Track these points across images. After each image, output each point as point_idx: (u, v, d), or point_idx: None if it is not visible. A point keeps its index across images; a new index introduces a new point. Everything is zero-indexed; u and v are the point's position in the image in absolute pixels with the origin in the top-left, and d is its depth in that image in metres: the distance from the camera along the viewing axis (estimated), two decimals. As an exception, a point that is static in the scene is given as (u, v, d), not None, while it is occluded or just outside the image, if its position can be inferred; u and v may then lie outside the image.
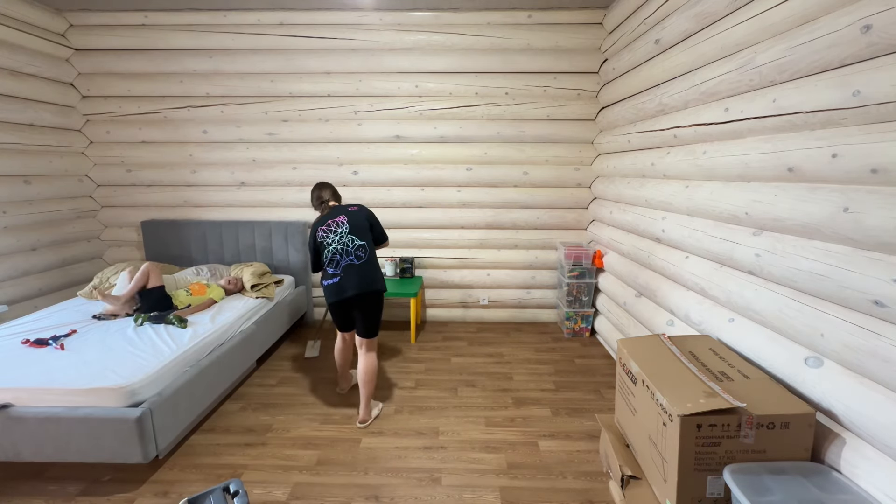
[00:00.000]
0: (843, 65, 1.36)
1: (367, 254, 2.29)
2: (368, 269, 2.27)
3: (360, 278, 2.24)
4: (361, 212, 2.40)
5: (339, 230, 2.31)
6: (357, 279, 2.24)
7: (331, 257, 2.29)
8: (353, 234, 2.31)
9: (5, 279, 3.09)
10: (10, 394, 1.88)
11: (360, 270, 2.25)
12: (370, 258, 2.30)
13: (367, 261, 2.28)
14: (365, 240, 2.31)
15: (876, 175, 1.26)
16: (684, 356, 1.70)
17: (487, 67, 3.50)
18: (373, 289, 2.26)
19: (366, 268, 2.27)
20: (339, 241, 2.29)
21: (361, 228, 2.34)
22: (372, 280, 2.26)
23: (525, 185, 3.72)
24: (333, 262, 2.28)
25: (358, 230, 2.32)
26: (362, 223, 2.35)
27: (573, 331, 3.60)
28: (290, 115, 3.61)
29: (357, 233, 2.31)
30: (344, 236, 2.30)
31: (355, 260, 2.26)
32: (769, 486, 1.26)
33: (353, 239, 2.30)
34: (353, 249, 2.28)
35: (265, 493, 1.88)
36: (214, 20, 3.43)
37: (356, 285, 2.23)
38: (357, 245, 2.29)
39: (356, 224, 2.33)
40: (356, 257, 2.27)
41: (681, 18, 2.22)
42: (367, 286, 2.24)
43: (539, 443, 2.23)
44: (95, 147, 3.69)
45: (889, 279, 1.21)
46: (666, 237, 2.44)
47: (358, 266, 2.26)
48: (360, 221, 2.35)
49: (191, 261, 3.71)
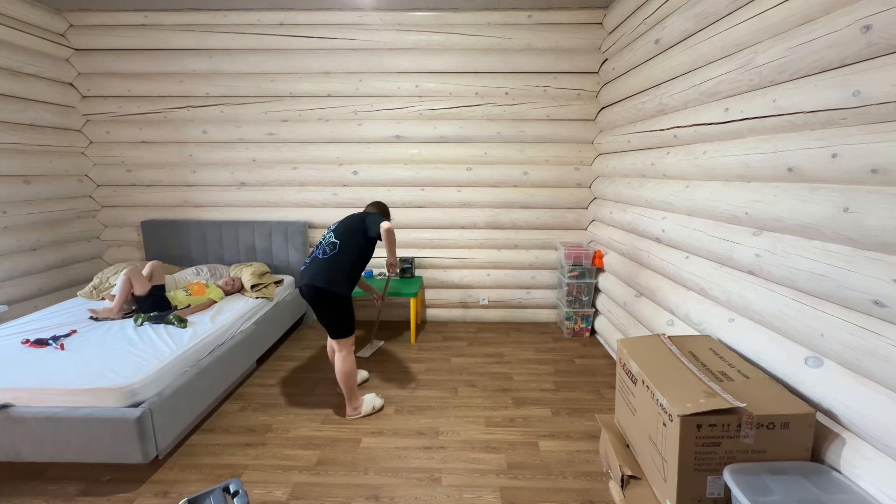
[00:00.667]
0: (843, 65, 1.36)
1: (334, 252, 2.26)
2: (327, 266, 2.24)
3: (315, 272, 2.23)
4: (363, 215, 2.41)
5: (331, 229, 2.40)
6: (311, 272, 2.24)
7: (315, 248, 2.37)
8: (334, 232, 2.35)
9: (5, 279, 3.09)
10: (10, 394, 1.88)
11: (320, 264, 2.25)
12: (334, 256, 2.26)
13: (331, 258, 2.25)
14: (339, 239, 2.30)
15: (876, 175, 1.26)
16: (684, 356, 1.71)
17: (487, 67, 3.50)
18: (317, 284, 2.19)
19: (326, 263, 2.24)
20: (324, 237, 2.38)
21: (347, 231, 2.34)
22: (323, 276, 2.21)
23: (525, 185, 3.72)
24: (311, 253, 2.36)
25: (339, 229, 2.35)
26: (350, 227, 2.35)
27: (573, 331, 3.60)
28: (290, 115, 3.61)
29: (336, 231, 2.34)
30: (327, 234, 2.37)
31: (320, 254, 2.29)
32: (769, 486, 1.26)
33: (330, 235, 2.34)
34: (325, 245, 2.31)
35: (265, 493, 1.88)
36: (214, 20, 3.43)
37: (308, 277, 2.23)
38: (329, 242, 2.31)
39: (344, 226, 2.37)
40: (322, 252, 2.29)
41: (681, 18, 2.22)
42: (314, 279, 2.20)
43: (539, 443, 2.23)
44: (95, 147, 3.69)
45: (889, 279, 1.21)
46: (666, 237, 2.44)
47: (321, 260, 2.26)
48: (350, 224, 2.37)
49: (191, 261, 3.71)
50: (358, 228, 2.35)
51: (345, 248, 2.28)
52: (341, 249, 2.28)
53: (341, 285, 2.24)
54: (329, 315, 2.27)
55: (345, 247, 2.29)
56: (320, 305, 2.25)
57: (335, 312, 2.27)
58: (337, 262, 2.25)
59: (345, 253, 2.28)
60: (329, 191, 3.75)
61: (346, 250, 2.28)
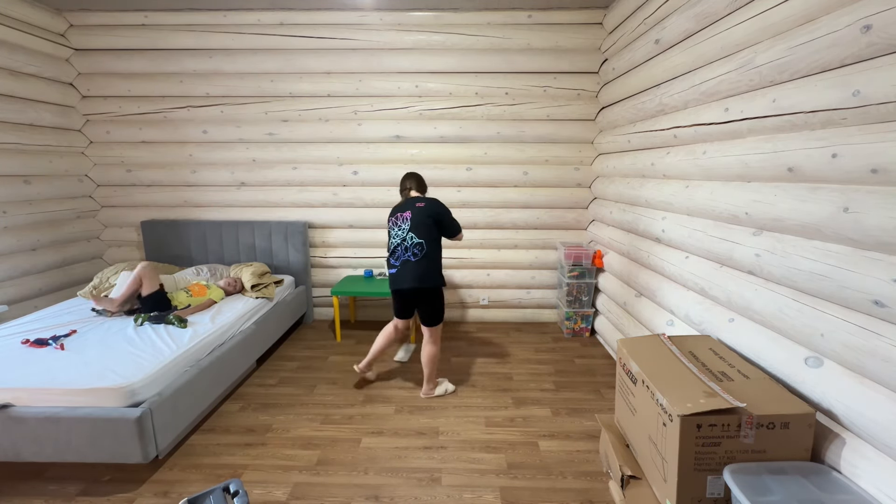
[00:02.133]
0: (843, 65, 1.36)
1: (423, 252, 2.43)
2: (423, 267, 2.42)
3: (414, 275, 2.42)
4: (428, 208, 2.49)
5: (402, 226, 2.48)
6: (411, 275, 2.42)
7: (393, 249, 2.52)
8: (412, 231, 2.45)
9: (5, 279, 3.09)
10: (10, 394, 1.88)
11: (415, 267, 2.42)
12: (426, 255, 2.43)
13: (423, 257, 2.43)
14: (423, 238, 2.44)
15: (876, 175, 1.25)
16: (684, 356, 1.71)
17: (487, 67, 3.50)
18: (424, 286, 2.42)
19: (421, 264, 2.42)
20: (400, 237, 2.48)
21: (422, 226, 2.45)
22: (425, 277, 2.42)
23: (525, 185, 3.72)
24: (395, 254, 2.50)
25: (418, 228, 2.45)
26: (424, 220, 2.46)
27: (573, 331, 3.60)
28: (290, 115, 3.61)
29: (416, 230, 2.44)
30: (405, 232, 2.47)
31: (412, 257, 2.43)
32: (769, 486, 1.26)
33: (412, 236, 2.44)
34: (411, 246, 2.44)
35: (265, 493, 1.88)
36: (214, 20, 3.43)
37: (409, 280, 2.42)
38: (415, 243, 2.43)
39: (417, 222, 2.45)
40: (413, 255, 2.43)
41: (681, 18, 2.22)
42: (420, 282, 2.42)
43: (539, 443, 2.23)
44: (95, 147, 3.69)
45: (889, 279, 1.21)
46: (666, 237, 2.44)
47: (413, 263, 2.43)
48: (422, 219, 2.46)
49: (191, 261, 3.71)
50: (427, 223, 2.46)
51: (431, 247, 2.46)
52: (429, 248, 2.45)
53: (439, 281, 2.49)
54: (429, 307, 2.50)
55: (430, 245, 2.46)
56: (424, 303, 2.49)
57: (435, 305, 2.50)
58: (429, 262, 2.45)
59: (432, 250, 2.47)
60: (329, 191, 3.75)
61: (432, 248, 2.46)
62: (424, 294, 2.46)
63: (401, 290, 2.47)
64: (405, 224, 2.47)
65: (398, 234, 2.48)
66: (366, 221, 3.79)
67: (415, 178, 2.66)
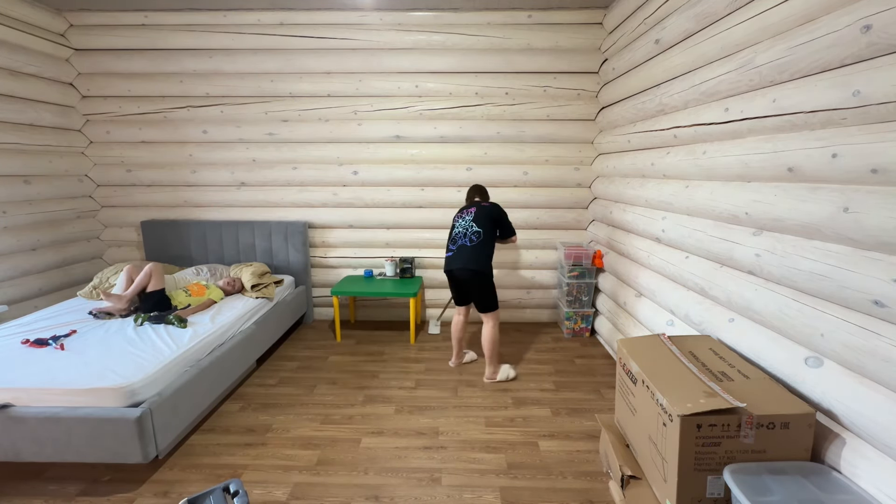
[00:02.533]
0: (843, 65, 1.36)
1: (480, 240, 2.70)
2: (476, 252, 2.68)
3: (467, 258, 2.67)
4: (492, 209, 2.79)
5: (467, 217, 2.79)
6: (465, 258, 2.68)
7: (453, 236, 2.82)
8: (474, 221, 2.75)
9: (5, 279, 3.09)
10: (10, 394, 1.88)
11: (469, 251, 2.68)
12: (482, 243, 2.69)
13: (479, 244, 2.69)
14: (482, 228, 2.71)
15: (876, 175, 1.25)
16: (684, 356, 1.71)
17: (487, 67, 3.50)
18: (472, 267, 2.65)
19: (475, 250, 2.68)
20: (462, 226, 2.79)
21: (483, 220, 2.74)
22: (475, 261, 2.66)
23: (525, 185, 3.72)
24: (454, 240, 2.79)
25: (479, 220, 2.74)
26: (486, 216, 2.75)
27: (573, 331, 3.60)
28: (290, 115, 3.61)
29: (478, 222, 2.74)
30: (468, 223, 2.76)
31: (468, 242, 2.71)
32: (769, 486, 1.26)
33: (473, 226, 2.74)
34: (471, 234, 2.72)
35: (265, 493, 1.88)
36: (214, 20, 3.43)
37: (461, 261, 2.68)
38: (474, 231, 2.72)
39: (480, 216, 2.76)
40: (469, 240, 2.71)
41: (681, 18, 2.22)
42: (470, 264, 2.66)
43: (539, 443, 2.23)
44: (95, 147, 3.69)
45: (889, 279, 1.21)
46: (666, 237, 2.44)
47: (469, 248, 2.69)
48: (485, 215, 2.76)
49: (191, 261, 3.71)
50: (488, 218, 2.75)
51: (487, 239, 2.72)
52: (485, 237, 2.71)
53: (488, 267, 2.71)
54: (480, 292, 2.72)
55: (486, 236, 2.72)
56: (473, 285, 2.71)
57: (484, 290, 2.71)
58: (484, 249, 2.70)
59: (487, 240, 2.72)
60: (329, 191, 3.75)
61: (487, 239, 2.72)
62: (474, 277, 2.67)
63: (452, 270, 2.73)
64: (469, 217, 2.78)
65: (461, 224, 2.79)
66: (366, 221, 3.79)
67: (479, 189, 2.99)
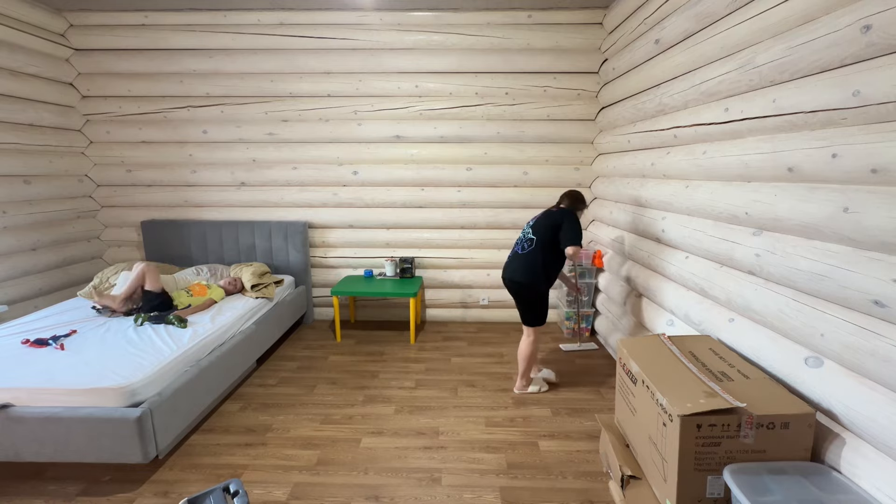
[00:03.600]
0: (843, 65, 1.36)
1: (531, 248, 2.50)
2: (526, 261, 2.50)
3: (515, 266, 2.54)
4: (557, 214, 2.52)
5: (530, 222, 2.62)
6: (513, 266, 2.55)
7: (516, 241, 2.67)
8: (531, 227, 2.58)
9: (5, 279, 3.09)
10: (10, 394, 1.88)
11: (520, 259, 2.53)
12: (533, 251, 2.49)
13: (530, 252, 2.50)
14: (536, 236, 2.51)
15: (876, 175, 1.25)
16: (684, 356, 1.71)
17: (487, 67, 3.50)
18: (518, 279, 2.50)
19: (523, 259, 2.51)
20: (523, 231, 2.64)
21: (543, 227, 2.51)
22: (523, 271, 2.49)
23: (525, 185, 3.72)
24: (515, 245, 2.65)
25: (536, 226, 2.55)
26: (546, 223, 2.52)
27: (573, 331, 3.60)
28: (290, 115, 3.61)
29: (534, 228, 2.55)
30: (528, 227, 2.61)
31: (520, 250, 2.57)
32: (769, 486, 1.26)
33: (529, 232, 2.57)
34: (524, 240, 2.57)
35: (265, 493, 1.88)
36: (214, 20, 3.43)
37: (510, 271, 2.56)
38: (528, 238, 2.55)
39: (541, 221, 2.55)
40: (522, 247, 2.56)
41: (681, 18, 2.22)
42: (515, 274, 2.52)
43: (539, 443, 2.23)
44: (95, 147, 3.69)
45: (889, 279, 1.21)
46: (666, 237, 2.44)
47: (520, 255, 2.54)
48: (545, 221, 2.53)
49: (191, 261, 3.71)
50: (547, 225, 2.50)
51: (539, 245, 2.49)
52: (537, 246, 2.50)
53: (536, 279, 2.48)
54: (523, 304, 2.57)
55: (540, 243, 2.49)
56: (519, 296, 2.57)
57: (529, 302, 2.54)
58: (533, 258, 2.49)
59: (539, 249, 2.49)
60: (329, 191, 3.75)
61: (540, 247, 2.49)
62: (521, 289, 2.53)
63: (503, 277, 2.62)
64: (532, 222, 2.61)
65: (525, 229, 2.64)
66: (366, 221, 3.79)
67: (567, 194, 2.65)
